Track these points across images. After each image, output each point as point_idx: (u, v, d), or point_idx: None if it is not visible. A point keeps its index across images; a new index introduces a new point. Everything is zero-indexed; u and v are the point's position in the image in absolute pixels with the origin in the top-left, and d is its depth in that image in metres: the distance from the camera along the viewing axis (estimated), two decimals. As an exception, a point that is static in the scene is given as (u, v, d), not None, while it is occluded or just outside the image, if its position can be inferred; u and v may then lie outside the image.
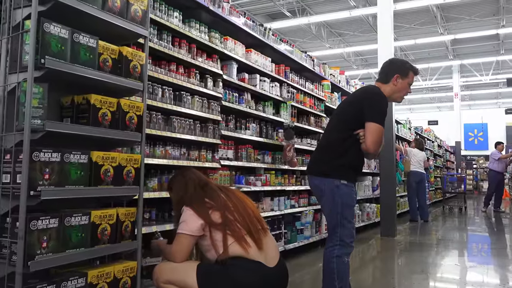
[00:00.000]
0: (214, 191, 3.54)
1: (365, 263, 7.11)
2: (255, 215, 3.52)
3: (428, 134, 19.66)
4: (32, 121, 2.65)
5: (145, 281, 4.10)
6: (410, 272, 6.25)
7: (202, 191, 3.53)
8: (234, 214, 3.41)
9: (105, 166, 3.12)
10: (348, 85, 10.49)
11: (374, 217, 10.71)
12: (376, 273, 6.59)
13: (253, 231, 3.39)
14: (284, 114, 7.20)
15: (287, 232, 6.97)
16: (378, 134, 3.87)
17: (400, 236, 9.66)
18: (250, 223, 3.40)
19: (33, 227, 2.64)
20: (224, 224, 3.34)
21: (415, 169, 12.21)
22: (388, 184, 9.58)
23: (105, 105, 3.13)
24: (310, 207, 7.93)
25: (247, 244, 3.30)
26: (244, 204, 3.53)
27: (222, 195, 3.52)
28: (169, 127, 4.81)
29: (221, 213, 3.38)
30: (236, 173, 6.14)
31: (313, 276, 6.07)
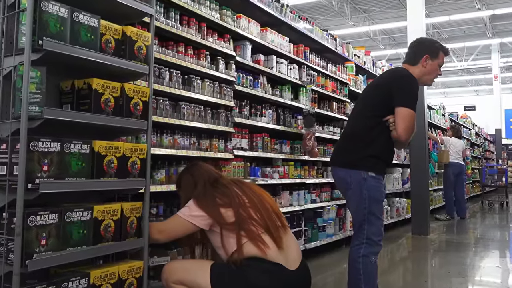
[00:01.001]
0: (226, 186, 3.56)
1: (395, 264, 7.12)
2: (274, 210, 3.53)
3: (464, 121, 19.54)
4: (30, 108, 2.68)
5: (152, 282, 4.14)
6: (446, 274, 6.24)
7: (212, 188, 3.56)
8: (250, 211, 3.42)
9: (108, 156, 3.16)
10: (374, 67, 10.46)
11: (404, 213, 10.70)
12: (407, 275, 6.60)
13: (272, 229, 3.39)
14: (304, 99, 7.22)
15: (307, 229, 6.99)
16: (410, 120, 3.87)
17: (433, 234, 9.65)
18: (268, 220, 3.42)
19: (31, 223, 2.67)
20: (238, 223, 3.36)
21: (454, 160, 12.11)
22: (420, 177, 9.56)
23: (108, 90, 3.17)
24: (333, 202, 7.95)
25: (264, 243, 3.31)
26: (261, 198, 3.54)
27: (236, 189, 3.54)
28: (178, 114, 4.84)
29: (235, 210, 3.41)
30: (251, 164, 6.17)
31: (337, 278, 6.09)
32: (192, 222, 3.42)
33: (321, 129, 8.04)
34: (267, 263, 3.28)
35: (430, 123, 13.17)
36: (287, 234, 3.50)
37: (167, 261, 4.12)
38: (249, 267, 3.27)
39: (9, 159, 2.71)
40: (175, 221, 3.49)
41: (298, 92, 7.25)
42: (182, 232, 3.49)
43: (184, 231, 3.48)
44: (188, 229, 3.46)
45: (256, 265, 3.27)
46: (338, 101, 8.49)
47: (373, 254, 3.91)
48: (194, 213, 3.42)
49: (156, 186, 4.44)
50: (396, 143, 4.04)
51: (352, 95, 8.88)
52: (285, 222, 3.58)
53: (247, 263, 3.28)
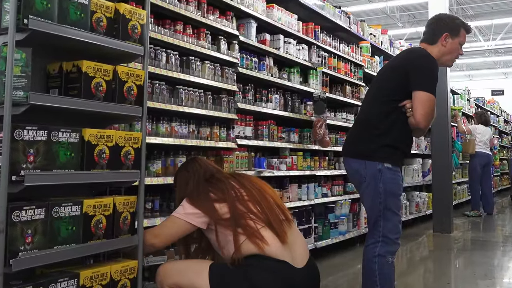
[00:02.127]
0: (221, 180, 3.58)
1: (414, 265, 7.16)
2: (277, 203, 3.54)
3: (491, 107, 19.51)
4: (14, 93, 2.70)
5: (148, 284, 4.19)
6: (471, 276, 6.28)
7: (206, 183, 3.58)
8: (248, 204, 3.44)
9: (100, 146, 3.18)
10: (392, 47, 10.46)
11: (425, 209, 10.73)
12: (428, 277, 6.63)
13: (274, 223, 3.40)
14: (314, 83, 7.24)
15: (318, 226, 7.05)
16: (429, 104, 3.88)
17: (457, 232, 9.67)
18: (269, 213, 3.43)
19: (15, 218, 2.70)
20: (234, 219, 3.38)
21: (480, 150, 12.05)
22: (442, 168, 9.57)
23: (99, 74, 3.18)
24: (346, 196, 8.00)
25: (262, 239, 3.31)
26: (261, 191, 3.56)
27: (233, 182, 3.56)
28: (175, 99, 4.88)
29: (230, 205, 3.42)
30: (256, 154, 6.21)
31: (350, 279, 6.15)
32: (187, 221, 3.44)
33: (333, 115, 8.07)
34: (270, 260, 3.29)
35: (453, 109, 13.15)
36: (292, 229, 3.51)
37: (164, 261, 4.16)
38: (251, 266, 3.28)
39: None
40: (170, 222, 3.51)
41: (307, 75, 7.27)
42: (179, 234, 3.50)
43: (181, 233, 3.50)
44: (185, 229, 3.48)
45: (258, 263, 3.28)
46: (352, 84, 8.51)
47: (389, 254, 3.92)
48: (188, 211, 3.45)
49: (152, 178, 4.47)
50: (414, 130, 4.05)
51: (367, 78, 8.89)
52: (290, 215, 3.58)
53: (249, 261, 3.29)
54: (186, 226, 3.45)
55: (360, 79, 8.72)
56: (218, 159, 5.38)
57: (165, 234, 3.51)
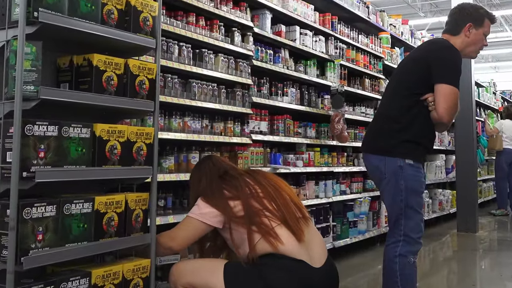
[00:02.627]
0: (235, 177, 3.60)
1: (438, 266, 7.14)
2: (293, 200, 3.57)
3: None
4: (24, 87, 2.76)
5: (160, 283, 4.24)
6: (497, 278, 6.28)
7: (219, 181, 3.61)
8: (263, 201, 3.46)
9: (111, 141, 3.24)
10: (413, 38, 10.44)
11: (448, 207, 10.71)
12: (452, 278, 6.64)
13: (290, 220, 3.42)
14: (331, 76, 7.26)
15: (336, 225, 7.07)
16: (453, 98, 3.89)
17: (482, 231, 9.64)
18: (285, 210, 3.45)
19: (26, 215, 2.75)
20: (248, 216, 3.40)
21: (508, 146, 11.95)
22: (467, 165, 9.53)
23: (111, 67, 3.24)
24: (366, 193, 8.01)
25: (276, 238, 3.33)
26: (277, 187, 3.58)
27: (248, 179, 3.58)
28: (188, 93, 4.92)
29: (244, 203, 3.45)
30: (272, 150, 6.24)
31: (370, 280, 6.18)
32: (203, 221, 3.46)
33: (352, 110, 8.07)
34: (286, 259, 3.31)
35: (478, 102, 13.10)
36: (309, 227, 3.53)
37: (177, 260, 4.17)
38: (266, 265, 3.31)
39: (2, 145, 2.79)
40: (186, 224, 3.53)
41: (324, 68, 7.29)
42: (196, 235, 3.52)
43: (198, 234, 3.52)
44: (202, 230, 3.50)
45: (274, 262, 3.31)
46: (371, 77, 8.51)
47: (411, 253, 3.93)
48: (203, 210, 3.48)
49: (164, 175, 4.51)
50: (437, 125, 4.06)
51: (387, 70, 8.89)
52: (307, 213, 3.61)
53: (264, 260, 3.32)
54: (203, 227, 3.48)
55: (379, 72, 8.73)
56: (232, 155, 5.42)
57: (181, 236, 3.54)
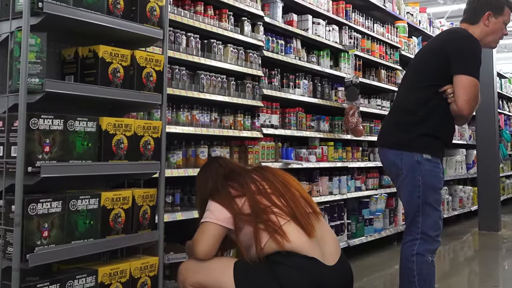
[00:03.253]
0: (241, 175, 3.63)
1: (458, 266, 7.17)
2: (302, 196, 3.59)
3: (544, 92, 19.30)
4: (29, 80, 2.82)
5: (168, 282, 4.31)
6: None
7: (225, 180, 3.62)
8: (272, 197, 3.49)
9: (118, 135, 3.30)
10: (431, 27, 10.39)
11: (469, 205, 10.72)
12: (473, 279, 6.65)
13: (300, 215, 3.44)
14: (345, 67, 7.28)
15: (351, 222, 7.10)
16: (473, 90, 3.89)
17: (506, 230, 9.61)
18: (295, 206, 3.47)
19: (31, 211, 2.83)
20: (255, 214, 3.42)
21: None
22: (489, 160, 9.54)
23: (117, 59, 3.30)
24: (382, 190, 8.03)
25: (284, 237, 3.34)
26: (285, 183, 3.60)
27: (255, 176, 3.61)
28: (196, 85, 4.97)
29: (250, 200, 3.47)
30: (283, 144, 6.27)
31: (387, 280, 6.22)
32: (219, 223, 3.45)
33: (367, 102, 8.07)
34: (298, 257, 3.33)
35: (500, 94, 13.07)
36: (321, 222, 3.55)
37: (185, 258, 4.22)
38: (277, 263, 3.33)
39: (6, 138, 2.87)
40: (203, 230, 3.50)
41: (338, 59, 7.31)
42: (216, 240, 3.47)
43: (218, 239, 3.49)
44: (220, 233, 3.48)
45: (285, 259, 3.33)
46: (387, 68, 8.52)
47: (429, 252, 3.94)
48: (216, 213, 3.48)
49: (172, 170, 4.56)
50: (456, 118, 4.06)
51: (404, 61, 8.87)
52: (317, 208, 3.62)
53: (275, 258, 3.35)
54: (220, 230, 3.46)
55: (396, 62, 8.72)
56: (242, 149, 5.46)
57: (203, 245, 3.45)
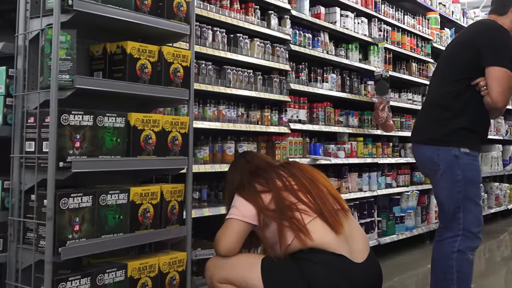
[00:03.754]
0: (266, 171, 3.71)
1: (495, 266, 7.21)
2: (330, 193, 3.65)
3: None
4: (59, 77, 2.97)
5: (196, 279, 4.46)
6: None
7: (251, 176, 3.71)
8: (298, 194, 3.56)
9: (146, 131, 3.44)
10: (465, 18, 10.39)
11: (506, 202, 10.72)
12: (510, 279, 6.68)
13: (327, 212, 3.50)
14: (375, 60, 7.37)
15: (381, 220, 7.18)
16: (506, 81, 3.95)
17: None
18: (321, 203, 3.53)
19: (63, 206, 2.98)
20: (279, 210, 3.50)
21: None
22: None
23: (144, 55, 3.44)
24: (414, 186, 8.08)
25: (307, 235, 3.42)
26: (313, 179, 3.67)
27: (282, 172, 3.69)
28: (223, 80, 5.09)
29: (275, 196, 3.55)
30: (311, 140, 6.37)
31: (419, 280, 6.28)
32: (244, 220, 3.55)
33: (397, 96, 8.13)
34: (325, 253, 3.40)
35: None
36: (349, 219, 3.62)
37: (213, 254, 4.27)
38: (304, 260, 3.41)
39: (38, 134, 3.02)
40: (227, 226, 3.61)
41: (367, 52, 7.40)
42: (240, 237, 3.57)
43: (242, 235, 3.59)
44: (244, 231, 3.58)
45: (312, 256, 3.41)
46: (419, 61, 8.56)
47: (470, 250, 3.99)
48: (241, 209, 3.58)
49: (199, 165, 4.68)
50: (491, 111, 4.12)
51: (436, 53, 8.88)
52: (345, 205, 3.68)
53: (302, 255, 3.43)
54: (245, 227, 3.57)
55: (427, 55, 8.76)
56: (269, 145, 5.55)
57: (226, 241, 3.57)
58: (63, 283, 2.98)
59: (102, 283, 3.17)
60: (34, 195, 3.05)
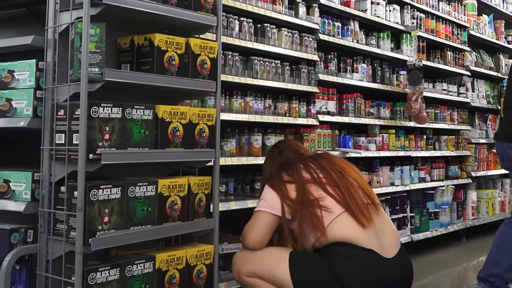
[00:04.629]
0: (296, 163, 3.83)
1: None
2: (361, 186, 3.76)
3: None
4: (89, 69, 3.16)
5: (223, 273, 4.62)
6: None
7: (280, 167, 3.87)
8: (326, 187, 3.67)
9: (174, 123, 3.61)
10: (504, 3, 10.35)
11: None
12: None
13: (355, 206, 3.61)
14: (408, 49, 7.46)
15: (414, 216, 7.28)
16: None
17: None
18: (350, 197, 3.65)
19: (93, 197, 3.17)
20: (301, 204, 3.64)
21: None
22: None
23: (172, 47, 3.62)
24: (449, 181, 8.16)
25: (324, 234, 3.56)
26: (342, 172, 3.77)
27: (311, 164, 3.81)
28: (249, 71, 5.25)
29: (299, 188, 3.68)
30: (340, 132, 6.48)
31: (454, 278, 6.33)
32: (272, 212, 3.70)
33: (431, 87, 8.17)
34: (354, 248, 3.53)
35: None
36: (380, 214, 3.73)
37: (240, 249, 4.33)
38: (332, 253, 3.55)
39: (68, 126, 3.21)
40: (255, 219, 3.76)
41: (400, 40, 7.49)
42: (268, 230, 3.72)
43: (270, 228, 3.73)
44: (272, 222, 3.72)
45: (340, 250, 3.54)
46: (454, 50, 8.60)
47: None
48: (269, 200, 3.72)
49: (226, 158, 4.84)
50: None
51: (473, 41, 8.98)
52: (376, 199, 3.80)
53: (331, 249, 3.56)
54: (272, 219, 3.71)
55: (464, 43, 8.81)
56: (297, 137, 5.67)
57: (253, 234, 3.73)
58: (93, 274, 3.15)
59: (131, 274, 3.34)
60: (64, 187, 3.23)
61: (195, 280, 3.75)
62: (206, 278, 3.83)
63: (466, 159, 8.81)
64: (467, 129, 8.87)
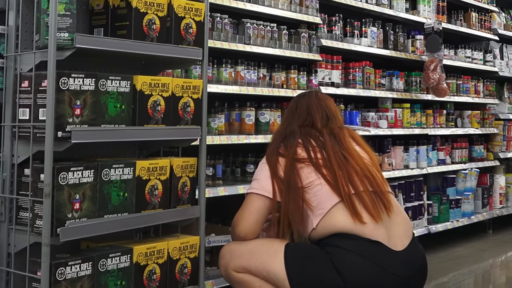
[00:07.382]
0: (295, 135, 3.83)
1: None
2: (366, 173, 3.76)
3: None
4: (58, 35, 3.18)
5: (209, 269, 4.68)
6: None
7: (281, 141, 3.86)
8: (322, 171, 3.69)
9: (154, 96, 3.66)
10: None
11: None
12: None
13: (356, 196, 3.63)
14: (425, 10, 7.49)
15: (432, 204, 7.32)
16: None
17: None
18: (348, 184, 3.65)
19: (62, 181, 3.21)
20: (288, 185, 3.67)
21: None
22: None
23: (152, 9, 3.65)
24: (473, 163, 8.20)
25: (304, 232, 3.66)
26: (346, 156, 3.77)
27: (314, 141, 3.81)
28: (241, 36, 5.29)
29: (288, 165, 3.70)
30: (346, 106, 6.54)
31: (478, 276, 6.37)
32: (264, 194, 3.72)
33: (453, 53, 8.18)
34: (359, 240, 3.57)
35: None
36: (388, 203, 3.74)
37: (229, 241, 4.34)
38: (334, 247, 3.59)
39: (33, 100, 3.24)
40: (245, 203, 3.77)
41: (416, 0, 7.51)
42: (260, 215, 3.73)
43: (262, 213, 3.74)
44: (264, 206, 3.74)
45: (342, 243, 3.58)
46: (480, 10, 8.61)
47: None
48: (262, 181, 3.74)
49: (213, 137, 4.86)
50: None
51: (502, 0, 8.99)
52: (384, 186, 3.81)
53: (331, 241, 3.61)
54: (265, 203, 3.73)
55: (491, 3, 8.83)
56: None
57: (245, 220, 3.73)
58: (62, 268, 3.18)
59: (104, 269, 3.39)
60: (28, 169, 3.27)
61: (178, 276, 3.80)
62: (191, 273, 3.88)
63: (493, 137, 8.82)
64: (495, 103, 8.90)
